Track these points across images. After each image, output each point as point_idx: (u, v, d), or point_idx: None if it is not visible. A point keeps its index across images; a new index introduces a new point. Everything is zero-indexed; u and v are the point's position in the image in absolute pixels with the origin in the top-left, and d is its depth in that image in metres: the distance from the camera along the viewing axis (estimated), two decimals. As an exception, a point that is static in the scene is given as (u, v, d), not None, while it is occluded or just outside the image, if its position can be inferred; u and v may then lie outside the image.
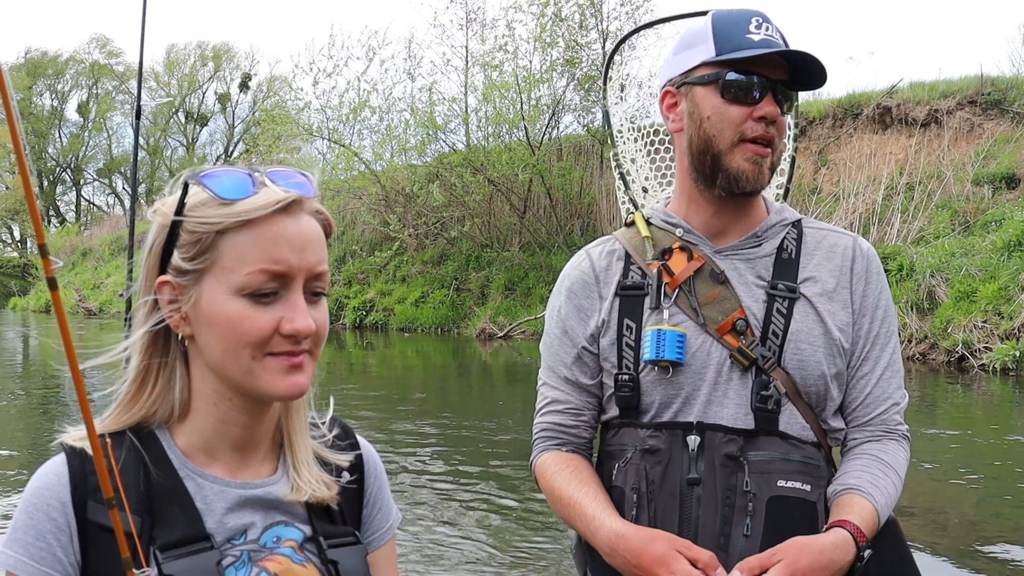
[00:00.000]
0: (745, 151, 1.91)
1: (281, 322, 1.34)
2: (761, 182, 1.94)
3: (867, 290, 2.00)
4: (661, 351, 1.92)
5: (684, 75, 1.99)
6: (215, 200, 1.34)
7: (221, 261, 1.34)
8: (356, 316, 26.32)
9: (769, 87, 1.91)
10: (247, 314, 1.33)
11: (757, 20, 1.93)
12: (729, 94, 1.92)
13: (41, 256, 1.13)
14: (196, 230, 1.35)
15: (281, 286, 1.35)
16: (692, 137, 1.98)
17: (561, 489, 2.00)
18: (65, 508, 1.32)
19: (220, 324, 1.34)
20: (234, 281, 1.33)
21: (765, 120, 1.90)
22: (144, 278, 1.40)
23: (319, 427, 1.57)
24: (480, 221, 25.96)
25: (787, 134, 2.24)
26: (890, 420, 2.00)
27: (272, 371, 1.36)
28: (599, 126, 24.73)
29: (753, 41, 1.89)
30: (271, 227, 1.34)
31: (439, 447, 9.58)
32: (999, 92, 19.71)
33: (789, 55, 1.91)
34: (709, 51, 1.93)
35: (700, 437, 1.90)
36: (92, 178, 71.49)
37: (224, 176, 1.36)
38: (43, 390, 15.11)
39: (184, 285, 1.36)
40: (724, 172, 1.94)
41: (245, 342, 1.34)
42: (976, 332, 13.88)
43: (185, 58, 67.88)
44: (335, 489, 1.51)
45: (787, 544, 1.76)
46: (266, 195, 1.35)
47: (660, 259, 2.02)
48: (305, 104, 27.45)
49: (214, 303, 1.34)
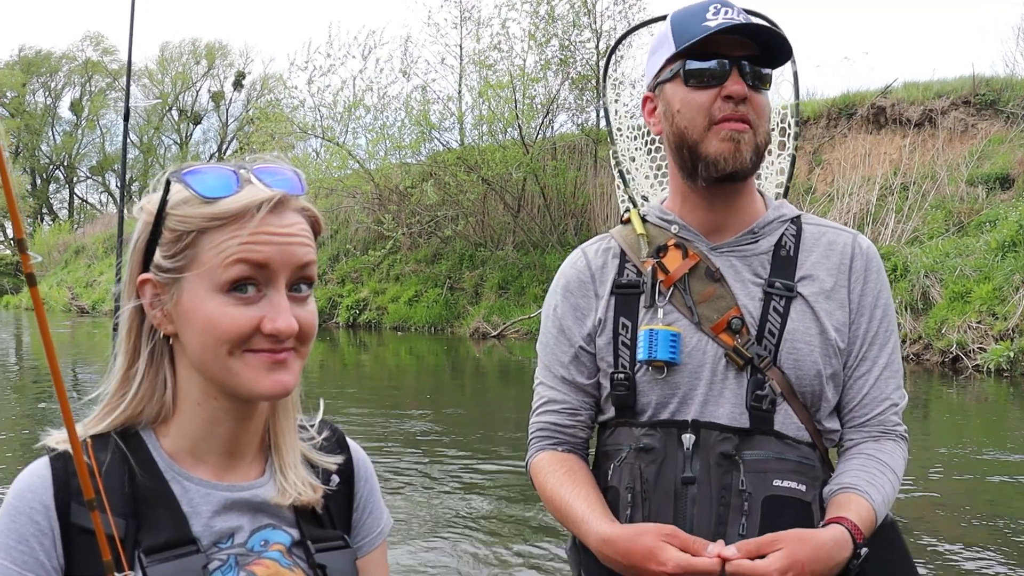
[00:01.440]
0: (719, 131, 1.88)
1: (263, 321, 1.32)
2: (741, 162, 1.89)
3: (865, 289, 1.97)
4: (654, 351, 1.91)
5: (655, 77, 1.98)
6: (197, 198, 1.32)
7: (201, 258, 1.32)
8: (349, 315, 26.31)
9: (733, 64, 1.87)
10: (226, 312, 1.31)
11: (715, 7, 1.90)
12: (692, 81, 1.90)
13: (19, 251, 1.10)
14: (177, 228, 1.33)
15: (263, 282, 1.33)
16: (669, 134, 1.97)
17: (554, 490, 1.98)
18: (48, 511, 1.31)
19: (200, 321, 1.32)
20: (214, 277, 1.31)
21: (733, 100, 1.87)
22: (128, 277, 1.38)
23: (308, 429, 1.56)
24: (474, 220, 25.97)
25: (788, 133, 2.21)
26: (888, 421, 1.98)
27: (253, 368, 1.33)
28: (593, 125, 24.75)
29: (709, 27, 1.86)
30: (253, 224, 1.31)
31: (431, 448, 9.56)
32: (993, 92, 19.74)
33: (750, 30, 1.87)
34: (670, 48, 1.92)
35: (695, 436, 1.89)
36: (85, 176, 71.45)
37: (208, 174, 1.34)
38: (35, 391, 15.07)
39: (166, 283, 1.35)
40: (703, 160, 1.90)
41: (223, 339, 1.31)
42: (970, 333, 13.89)
43: (178, 56, 67.85)
44: (320, 492, 1.49)
45: (788, 533, 1.74)
46: (250, 193, 1.33)
47: (655, 257, 2.00)
48: (300, 102, 27.45)
49: (194, 300, 1.32)
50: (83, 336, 25.45)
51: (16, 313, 41.85)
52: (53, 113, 69.16)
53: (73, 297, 39.46)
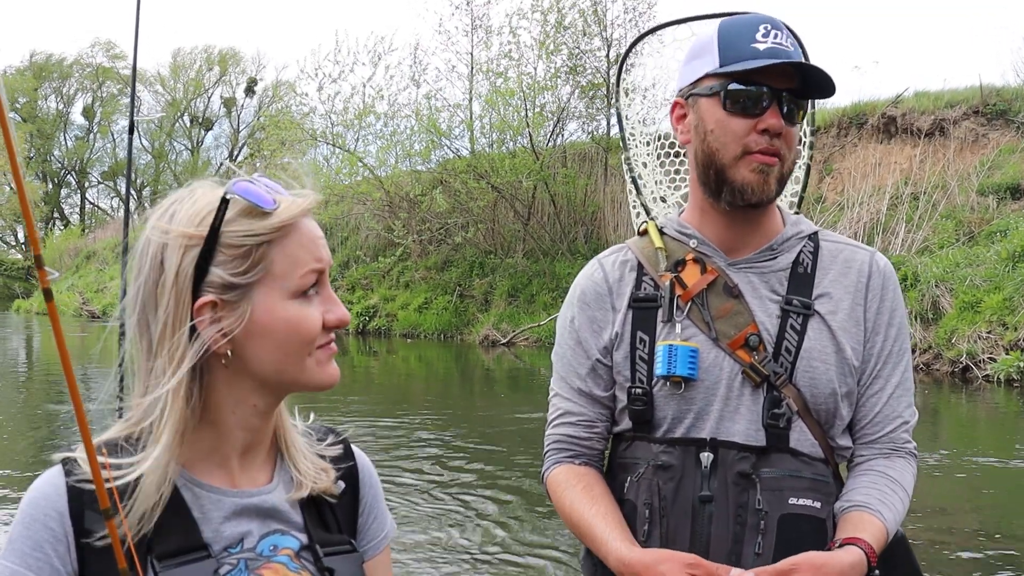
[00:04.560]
0: (750, 162, 1.87)
1: (325, 315, 1.41)
2: (767, 193, 1.89)
3: (881, 307, 1.97)
4: (673, 367, 1.90)
5: (691, 86, 1.95)
6: (256, 210, 1.36)
7: (274, 269, 1.36)
8: (359, 321, 26.31)
9: (774, 97, 1.85)
10: (304, 314, 1.39)
11: (765, 27, 1.87)
12: (732, 106, 1.87)
13: (37, 267, 1.11)
14: (244, 243, 1.35)
15: (320, 282, 1.41)
16: (697, 150, 1.95)
17: (572, 506, 1.97)
18: (62, 518, 1.32)
19: (280, 329, 1.37)
20: (289, 285, 1.37)
21: (769, 133, 1.85)
22: (166, 307, 1.35)
23: (312, 435, 1.59)
24: (484, 228, 25.96)
25: (803, 142, 2.21)
26: (898, 438, 1.97)
27: (321, 363, 1.43)
28: (603, 133, 24.75)
29: (758, 51, 1.84)
30: (306, 230, 1.39)
31: (439, 456, 9.57)
32: (1004, 102, 19.67)
33: (797, 63, 1.86)
34: (714, 62, 1.89)
35: (713, 454, 1.88)
36: (97, 181, 71.64)
37: (253, 187, 1.38)
38: (46, 398, 15.11)
39: (233, 301, 1.36)
40: (729, 185, 1.90)
41: (306, 340, 1.39)
42: (980, 343, 13.85)
43: (191, 62, 68.03)
44: (333, 474, 1.54)
45: (804, 559, 1.73)
46: (291, 201, 1.39)
47: (673, 271, 1.99)
48: (310, 109, 27.49)
49: (271, 311, 1.37)
50: (93, 341, 25.52)
51: (27, 317, 41.95)
52: (65, 118, 69.41)
53: (84, 302, 39.58)
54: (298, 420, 1.57)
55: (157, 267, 1.36)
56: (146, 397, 1.37)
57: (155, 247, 1.36)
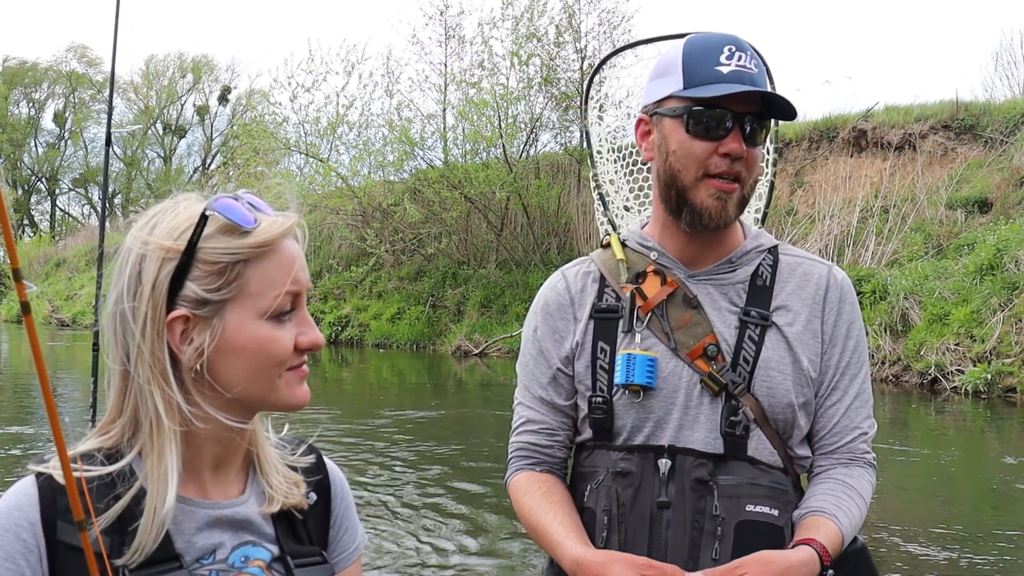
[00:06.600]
0: (709, 187, 1.90)
1: (298, 338, 1.41)
2: (725, 218, 1.93)
3: (839, 320, 2.01)
4: (631, 375, 1.93)
5: (656, 104, 1.97)
6: (235, 228, 1.36)
7: (248, 288, 1.37)
8: (331, 331, 26.17)
9: (736, 121, 1.88)
10: (275, 335, 1.39)
11: (730, 49, 1.90)
12: (694, 128, 1.89)
13: (15, 281, 1.13)
14: (220, 260, 1.36)
15: (296, 304, 1.41)
16: (660, 169, 1.98)
17: (531, 511, 2.01)
18: (35, 528, 1.32)
19: (250, 349, 1.38)
20: (261, 306, 1.38)
21: (730, 156, 1.88)
22: (143, 318, 1.36)
23: (285, 447, 1.59)
24: (457, 238, 25.93)
25: (765, 159, 2.24)
26: (857, 448, 2.01)
27: (291, 384, 1.43)
28: (576, 145, 24.77)
29: (722, 74, 1.87)
30: (285, 251, 1.40)
31: (410, 466, 9.55)
32: (972, 117, 19.89)
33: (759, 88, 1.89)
34: (678, 83, 1.92)
35: (671, 461, 1.91)
36: (68, 188, 70.93)
37: (234, 205, 1.38)
38: (17, 408, 14.95)
39: (206, 317, 1.37)
40: (688, 207, 1.93)
41: (276, 361, 1.39)
42: (949, 355, 13.98)
43: (164, 69, 67.47)
44: (303, 488, 1.53)
45: (752, 558, 1.77)
46: (272, 221, 1.39)
47: (634, 282, 2.03)
48: (284, 119, 27.35)
49: (241, 329, 1.37)
50: (62, 350, 25.27)
51: (-4, 324, 41.47)
52: (36, 125, 68.68)
53: (53, 310, 39.15)
54: (270, 432, 1.57)
55: (135, 277, 1.37)
56: (125, 408, 1.39)
57: (135, 257, 1.38)
